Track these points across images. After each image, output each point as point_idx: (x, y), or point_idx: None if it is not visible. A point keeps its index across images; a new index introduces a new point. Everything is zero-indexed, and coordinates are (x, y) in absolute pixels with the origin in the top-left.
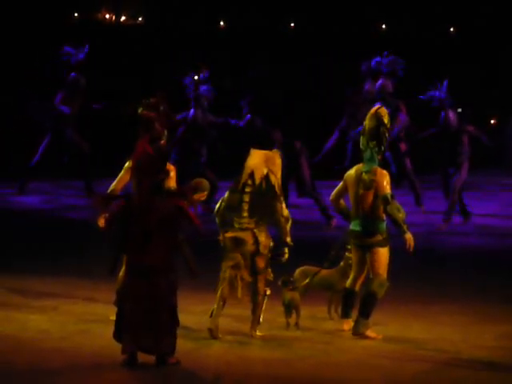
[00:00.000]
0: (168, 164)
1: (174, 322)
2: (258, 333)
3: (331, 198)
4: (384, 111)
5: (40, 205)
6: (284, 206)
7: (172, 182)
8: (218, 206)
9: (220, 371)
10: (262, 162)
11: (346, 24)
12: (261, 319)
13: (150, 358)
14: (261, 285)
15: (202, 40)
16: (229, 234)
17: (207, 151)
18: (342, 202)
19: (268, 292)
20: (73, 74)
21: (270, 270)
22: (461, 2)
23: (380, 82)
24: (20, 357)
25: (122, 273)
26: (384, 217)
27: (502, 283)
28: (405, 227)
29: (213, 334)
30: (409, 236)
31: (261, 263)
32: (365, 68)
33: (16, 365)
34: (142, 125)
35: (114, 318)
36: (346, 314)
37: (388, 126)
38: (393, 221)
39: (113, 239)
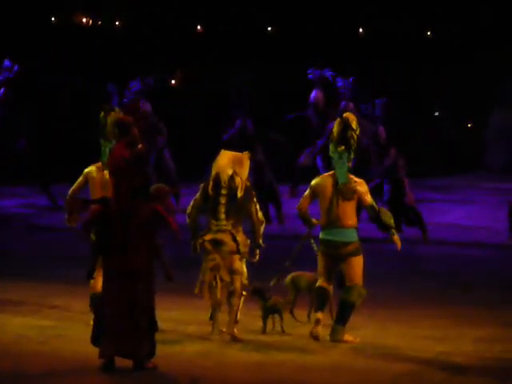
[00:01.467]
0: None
1: (153, 326)
2: (235, 331)
3: (299, 206)
4: (352, 116)
5: (16, 209)
6: (258, 208)
7: None
8: (189, 208)
9: (197, 376)
10: (228, 164)
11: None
12: (237, 319)
13: (127, 363)
14: (238, 285)
15: (179, 44)
16: (207, 237)
17: None
18: (305, 209)
19: (244, 293)
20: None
21: (245, 273)
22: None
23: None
24: (1, 361)
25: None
26: (357, 225)
27: (478, 286)
28: (394, 230)
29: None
30: (396, 237)
31: (238, 264)
32: (312, 77)
33: None
34: (118, 129)
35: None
36: (321, 309)
37: (356, 131)
38: (383, 226)
39: (91, 243)
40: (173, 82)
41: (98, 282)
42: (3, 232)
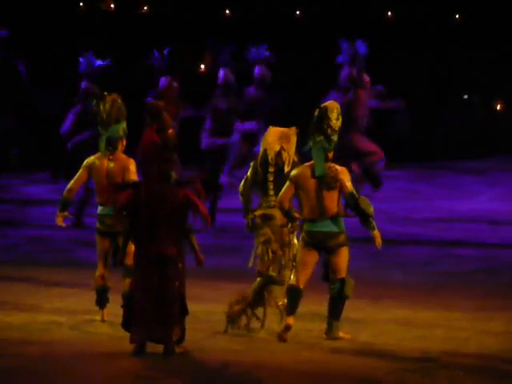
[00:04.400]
0: (128, 158)
1: (183, 311)
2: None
3: (280, 199)
4: (332, 105)
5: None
6: None
7: (133, 175)
8: (241, 185)
9: (228, 360)
10: (275, 140)
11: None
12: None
13: (159, 348)
14: (288, 258)
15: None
16: (258, 212)
17: None
18: (288, 202)
19: (294, 264)
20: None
21: (296, 246)
22: None
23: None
24: (31, 347)
25: (97, 271)
26: (343, 214)
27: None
28: (374, 223)
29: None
30: (377, 232)
31: (289, 237)
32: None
33: (27, 355)
34: (149, 114)
35: (99, 318)
36: (292, 312)
37: (335, 119)
38: (362, 216)
39: (122, 229)
40: (202, 66)
41: (103, 277)
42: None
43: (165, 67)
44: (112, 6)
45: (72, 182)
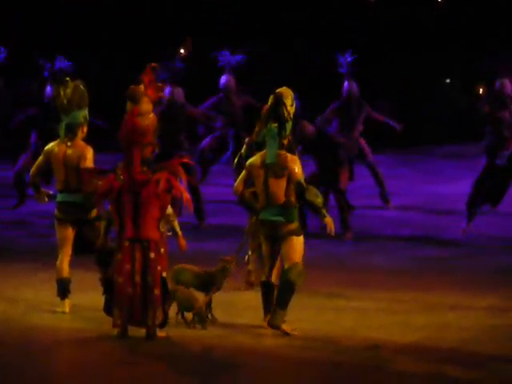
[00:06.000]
0: (86, 145)
1: (165, 296)
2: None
3: (235, 188)
4: (287, 92)
5: None
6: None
7: (89, 163)
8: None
9: (210, 344)
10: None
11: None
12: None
13: (141, 331)
14: None
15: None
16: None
17: None
18: (246, 192)
19: None
20: None
21: None
22: None
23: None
24: (11, 334)
25: (59, 261)
26: (296, 204)
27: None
28: (324, 211)
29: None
30: (329, 219)
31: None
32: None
33: (6, 342)
34: (129, 99)
35: (61, 309)
36: (268, 310)
37: (289, 106)
38: (311, 206)
39: (104, 215)
40: (181, 51)
41: (65, 266)
42: None
43: None
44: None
45: (33, 168)
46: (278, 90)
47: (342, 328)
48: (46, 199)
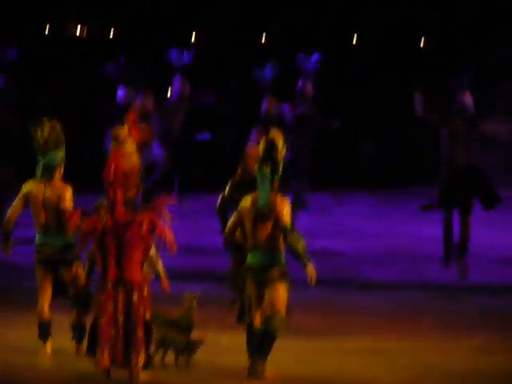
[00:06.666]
0: (65, 185)
1: (149, 337)
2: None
3: (227, 231)
4: (278, 135)
5: None
6: None
7: (68, 204)
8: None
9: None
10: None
11: None
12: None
13: (124, 373)
14: None
15: None
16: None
17: None
18: (237, 234)
19: None
20: None
21: None
22: None
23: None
24: None
25: (39, 304)
26: (283, 248)
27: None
28: (306, 259)
29: None
30: (310, 269)
31: None
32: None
33: None
34: (113, 139)
35: (42, 351)
36: (252, 352)
37: (281, 149)
38: (293, 252)
39: (88, 255)
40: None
41: (45, 309)
42: None
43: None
44: None
45: (10, 211)
46: (269, 135)
47: (326, 368)
48: (10, 252)
